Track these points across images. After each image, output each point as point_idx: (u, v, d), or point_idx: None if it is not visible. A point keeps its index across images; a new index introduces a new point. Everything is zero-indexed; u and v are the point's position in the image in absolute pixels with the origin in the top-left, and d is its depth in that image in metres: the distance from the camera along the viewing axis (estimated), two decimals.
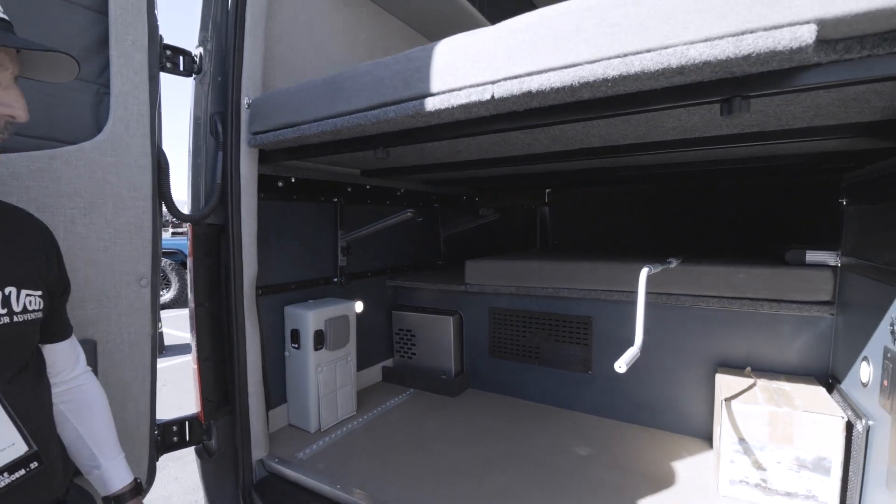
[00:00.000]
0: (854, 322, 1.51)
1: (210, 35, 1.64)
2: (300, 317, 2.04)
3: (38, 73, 0.88)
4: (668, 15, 0.85)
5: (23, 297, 0.84)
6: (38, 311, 0.87)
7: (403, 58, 1.23)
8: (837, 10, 0.75)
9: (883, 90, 1.01)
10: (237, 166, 1.69)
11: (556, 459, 1.83)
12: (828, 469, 1.44)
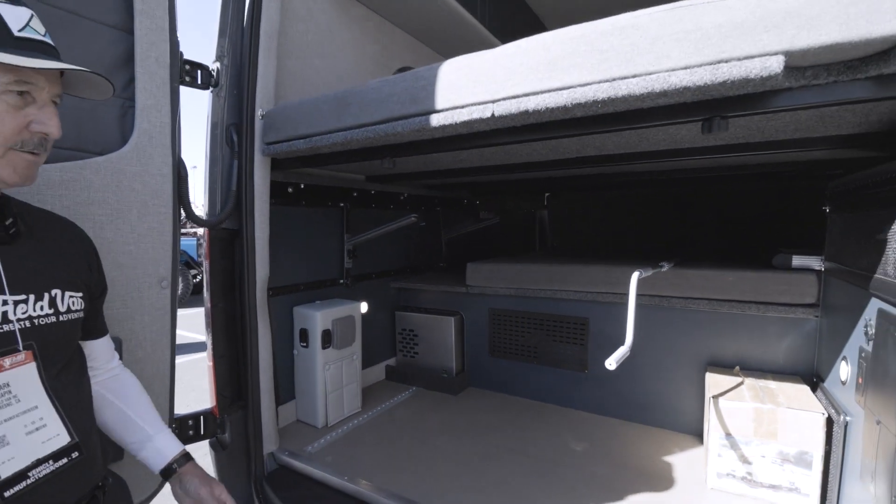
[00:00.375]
0: (836, 324, 1.59)
1: (226, 50, 1.73)
2: (309, 317, 2.13)
3: (78, 91, 0.96)
4: (651, 44, 0.94)
5: (67, 298, 0.92)
6: (80, 311, 0.95)
7: (410, 76, 1.32)
8: (802, 43, 0.83)
9: (854, 108, 1.10)
10: (251, 174, 1.78)
11: (553, 454, 1.91)
12: (809, 463, 1.53)
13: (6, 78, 0.75)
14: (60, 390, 0.89)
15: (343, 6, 2.23)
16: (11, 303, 0.83)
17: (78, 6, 1.38)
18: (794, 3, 0.83)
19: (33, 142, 0.81)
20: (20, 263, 0.86)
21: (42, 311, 0.87)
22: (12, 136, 0.78)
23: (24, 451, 0.81)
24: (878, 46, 0.82)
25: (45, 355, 0.86)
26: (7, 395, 0.81)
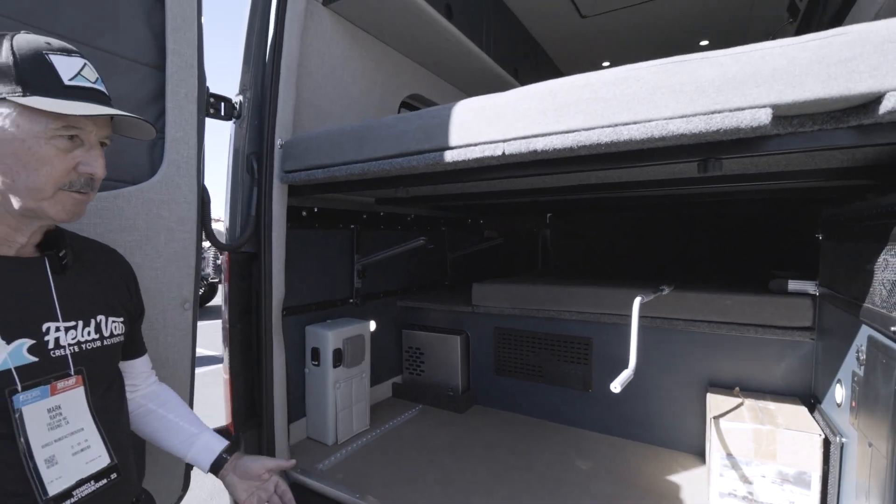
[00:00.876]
0: (831, 347, 1.65)
1: (249, 84, 1.83)
2: (321, 336, 2.20)
3: (126, 133, 1.03)
4: (651, 95, 1.03)
5: (110, 323, 0.99)
6: (121, 335, 1.02)
7: (425, 114, 1.41)
8: (788, 97, 0.92)
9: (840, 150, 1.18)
10: (269, 200, 1.86)
11: (559, 473, 1.96)
12: (808, 483, 1.58)
13: (56, 124, 0.81)
14: (103, 412, 0.95)
15: (355, 38, 2.34)
16: (63, 329, 0.89)
17: (115, 47, 1.48)
18: (781, 62, 0.92)
19: (80, 182, 0.87)
20: (71, 292, 0.93)
21: (89, 337, 0.94)
22: (61, 178, 0.84)
23: (70, 471, 0.87)
24: (857, 101, 0.90)
25: (91, 378, 0.93)
26: (58, 416, 0.87)
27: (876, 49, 0.86)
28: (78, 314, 0.93)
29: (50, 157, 0.82)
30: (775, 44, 0.94)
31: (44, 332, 0.87)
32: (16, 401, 0.80)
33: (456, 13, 2.43)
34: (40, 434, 0.83)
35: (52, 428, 0.86)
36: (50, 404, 0.86)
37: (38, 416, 0.84)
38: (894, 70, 0.85)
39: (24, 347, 0.84)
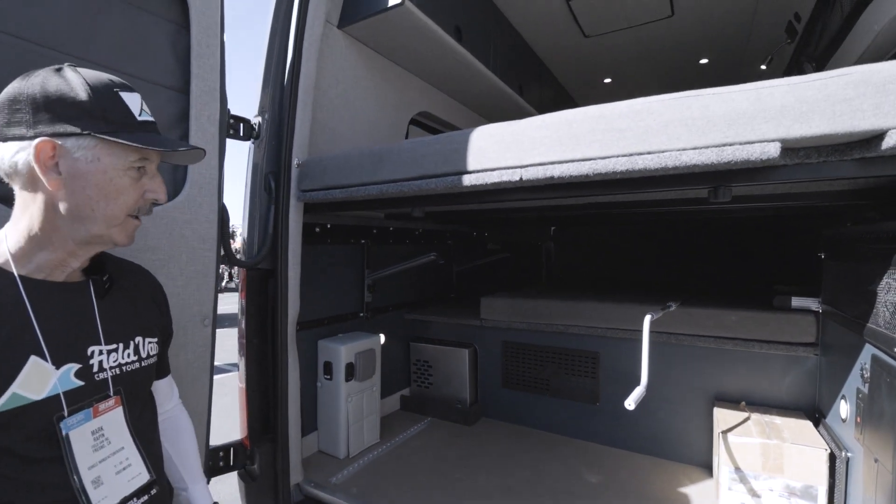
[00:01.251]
0: (834, 363, 1.70)
1: (268, 106, 1.89)
2: (333, 350, 2.23)
3: (175, 160, 1.08)
4: (664, 127, 1.08)
5: (146, 344, 1.02)
6: (156, 355, 1.05)
7: (443, 139, 1.47)
8: (796, 133, 0.97)
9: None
10: (286, 218, 1.91)
11: (570, 486, 1.99)
12: (815, 496, 1.61)
13: (134, 157, 0.87)
14: (140, 430, 0.99)
15: (367, 59, 2.41)
16: (105, 352, 0.93)
17: (143, 72, 1.53)
18: (789, 99, 0.97)
19: (146, 208, 0.94)
20: (112, 314, 0.96)
21: (129, 359, 0.97)
22: (133, 206, 0.90)
23: (115, 490, 0.90)
24: (860, 137, 0.96)
25: (128, 398, 0.96)
26: (101, 437, 0.90)
27: (878, 89, 0.91)
28: (118, 336, 0.96)
29: (126, 187, 0.88)
30: (782, 81, 0.99)
31: (89, 356, 0.90)
32: (63, 426, 0.83)
33: (465, 34, 2.50)
34: (86, 456, 0.87)
35: (96, 449, 0.89)
36: (94, 426, 0.89)
37: (84, 438, 0.87)
38: (895, 109, 0.90)
39: (72, 372, 0.87)
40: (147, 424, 1.03)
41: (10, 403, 0.78)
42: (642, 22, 3.05)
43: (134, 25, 1.51)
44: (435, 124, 3.20)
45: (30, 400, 0.80)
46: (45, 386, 0.83)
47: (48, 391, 0.83)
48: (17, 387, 0.79)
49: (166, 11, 1.58)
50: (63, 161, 0.82)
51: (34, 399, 0.80)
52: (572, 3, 2.83)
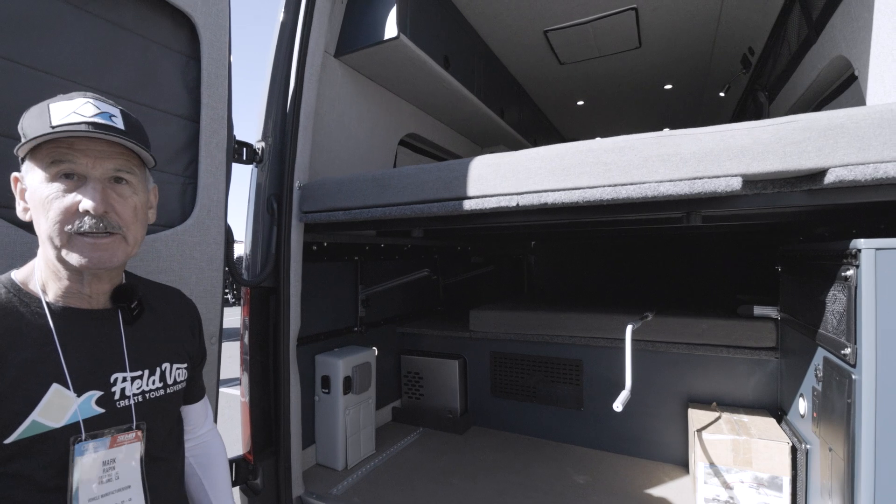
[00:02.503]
0: (792, 364, 1.90)
1: (271, 132, 1.98)
2: (331, 364, 2.30)
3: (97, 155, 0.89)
4: (644, 162, 1.24)
5: (174, 370, 1.00)
6: (184, 381, 1.03)
7: (444, 167, 1.60)
8: (753, 169, 1.15)
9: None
10: (288, 238, 1.99)
11: (559, 487, 2.11)
12: (780, 486, 1.79)
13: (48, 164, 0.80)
14: (157, 462, 0.95)
15: (361, 86, 2.53)
16: (129, 379, 0.91)
17: (156, 101, 1.61)
18: (748, 140, 1.15)
19: (86, 222, 0.81)
20: (139, 341, 0.95)
21: (153, 386, 0.95)
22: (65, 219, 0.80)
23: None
24: (807, 172, 1.14)
25: (151, 428, 0.94)
26: (111, 471, 0.87)
27: (820, 134, 1.10)
28: (144, 363, 0.95)
29: (50, 198, 0.79)
30: (742, 125, 1.17)
31: (111, 383, 0.89)
32: (77, 449, 0.82)
33: (452, 63, 2.66)
34: (90, 488, 0.84)
35: (101, 482, 0.85)
36: (106, 457, 0.86)
37: (94, 468, 0.85)
38: (834, 151, 1.09)
39: (93, 399, 0.86)
40: (168, 456, 1.00)
41: (30, 431, 0.77)
42: (612, 52, 3.29)
43: (147, 57, 1.58)
44: (422, 144, 3.34)
45: (49, 427, 0.79)
46: (65, 413, 0.81)
47: (68, 419, 0.81)
48: (37, 414, 0.78)
49: (178, 44, 1.66)
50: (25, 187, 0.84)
51: (53, 427, 0.79)
52: (549, 34, 3.04)
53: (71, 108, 0.82)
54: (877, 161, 1.06)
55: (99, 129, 0.81)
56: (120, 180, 0.87)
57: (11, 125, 1.21)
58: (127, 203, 0.87)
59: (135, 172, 0.89)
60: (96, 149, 0.82)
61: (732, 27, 2.89)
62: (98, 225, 0.82)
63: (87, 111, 0.82)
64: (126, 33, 1.51)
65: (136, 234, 0.91)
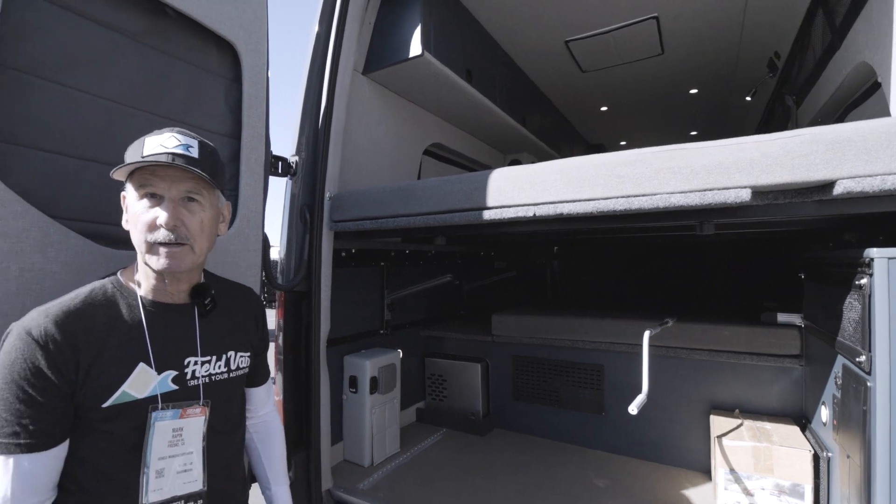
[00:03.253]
0: (816, 372, 1.89)
1: (304, 146, 2.12)
2: (359, 365, 2.42)
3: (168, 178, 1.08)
4: (655, 174, 1.30)
5: (238, 357, 1.17)
6: (246, 367, 1.20)
7: (465, 178, 1.69)
8: (762, 181, 1.19)
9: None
10: (319, 245, 2.12)
11: (578, 491, 2.16)
12: (802, 494, 1.79)
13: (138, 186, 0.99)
14: (218, 436, 1.11)
15: (387, 100, 2.66)
16: (200, 363, 1.09)
17: (203, 122, 1.76)
18: (756, 153, 1.20)
19: (162, 235, 0.97)
20: (210, 332, 1.13)
21: (219, 370, 1.13)
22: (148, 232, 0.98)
23: (170, 487, 1.02)
24: (816, 184, 1.17)
25: (214, 406, 1.10)
26: (178, 436, 1.04)
27: (827, 147, 1.14)
28: (213, 350, 1.12)
29: (139, 214, 0.99)
30: (751, 139, 1.21)
31: (185, 365, 1.06)
32: (154, 416, 1.00)
33: (474, 76, 2.75)
34: (161, 448, 1.01)
35: (170, 445, 1.03)
36: (176, 425, 1.04)
37: (165, 432, 1.02)
38: (842, 163, 1.13)
39: (170, 378, 1.04)
40: (228, 430, 1.16)
41: (120, 399, 0.96)
42: (634, 59, 3.32)
43: (196, 82, 1.74)
44: (446, 154, 3.45)
45: (134, 398, 0.98)
46: (147, 387, 1.00)
47: (149, 392, 1.00)
48: (127, 386, 0.97)
49: (222, 69, 1.82)
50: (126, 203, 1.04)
51: (137, 397, 0.98)
52: (570, 44, 3.10)
53: (159, 141, 1.00)
54: (885, 173, 1.09)
55: (177, 159, 0.98)
56: (191, 199, 1.03)
57: (85, 149, 1.38)
58: (195, 218, 1.03)
59: (202, 193, 1.05)
60: (172, 174, 1.00)
61: (757, 32, 2.88)
62: (170, 236, 0.99)
63: (170, 143, 1.00)
64: (177, 62, 1.67)
65: (201, 245, 1.06)
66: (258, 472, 1.35)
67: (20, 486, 0.87)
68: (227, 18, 1.73)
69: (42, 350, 0.89)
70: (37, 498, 0.90)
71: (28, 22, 1.26)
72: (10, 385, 0.88)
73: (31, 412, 0.88)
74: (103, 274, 1.28)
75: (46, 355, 0.89)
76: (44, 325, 0.91)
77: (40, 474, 0.90)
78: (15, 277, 1.14)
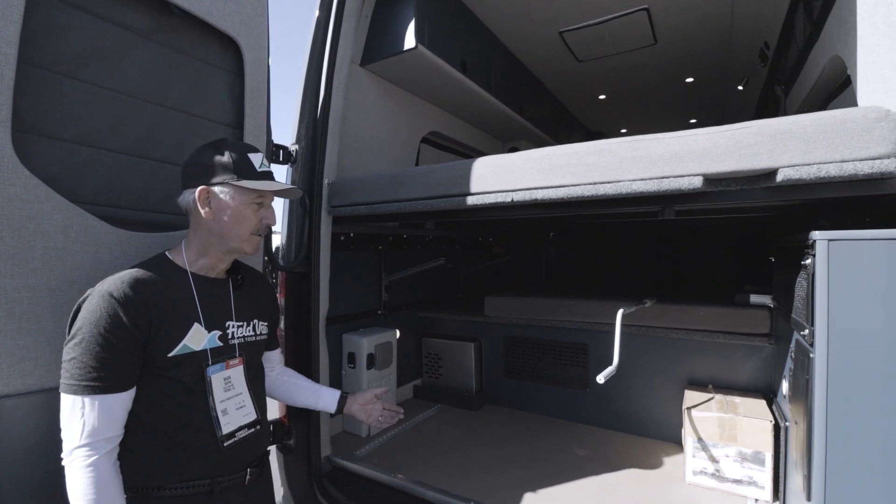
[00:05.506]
0: (781, 350, 2.01)
1: (303, 135, 2.25)
2: (356, 342, 2.58)
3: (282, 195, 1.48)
4: (619, 163, 1.42)
5: (260, 325, 1.42)
6: (265, 334, 1.44)
7: (450, 167, 1.81)
8: (713, 169, 1.31)
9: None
10: (318, 229, 2.26)
11: (561, 458, 2.31)
12: (763, 461, 1.92)
13: (255, 196, 1.26)
14: (253, 384, 1.36)
15: (384, 90, 2.77)
16: (236, 326, 1.32)
17: (207, 112, 1.89)
18: (707, 144, 1.31)
19: (262, 228, 1.32)
20: (242, 302, 1.36)
21: (249, 333, 1.37)
22: (254, 228, 1.28)
23: (234, 420, 1.27)
24: (761, 172, 1.29)
25: (247, 361, 1.34)
26: (229, 383, 1.29)
27: (770, 138, 1.24)
28: (245, 317, 1.36)
29: (249, 215, 1.26)
30: (704, 131, 1.33)
31: (226, 327, 1.30)
32: (209, 371, 1.23)
33: (470, 66, 2.85)
34: (220, 393, 1.25)
35: (226, 390, 1.27)
36: (225, 375, 1.28)
37: (219, 382, 1.25)
38: (783, 153, 1.24)
39: (216, 336, 1.27)
40: (258, 383, 1.41)
41: (182, 350, 1.18)
42: (629, 49, 3.39)
43: (200, 76, 1.87)
44: (444, 142, 3.56)
45: (192, 350, 1.20)
46: (201, 342, 1.23)
47: (202, 346, 1.23)
48: (187, 340, 1.19)
49: (225, 63, 1.94)
50: (212, 199, 1.23)
51: (195, 349, 1.20)
52: (565, 34, 3.18)
53: (259, 160, 1.30)
54: (820, 162, 1.20)
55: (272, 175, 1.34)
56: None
57: (100, 139, 1.52)
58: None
59: None
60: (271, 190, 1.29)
61: (746, 22, 2.94)
62: (265, 230, 1.34)
63: (266, 163, 1.33)
64: (183, 57, 1.80)
65: None
66: (303, 393, 1.61)
67: (104, 421, 1.06)
68: (229, 15, 1.85)
69: (122, 307, 1.08)
70: (114, 432, 1.09)
71: (48, 23, 1.40)
72: (95, 337, 1.06)
73: (113, 359, 1.07)
74: (118, 253, 1.46)
75: (126, 311, 1.08)
76: (122, 288, 1.10)
77: (118, 412, 1.09)
78: (40, 255, 1.30)
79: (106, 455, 1.06)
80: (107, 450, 1.07)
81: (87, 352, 1.05)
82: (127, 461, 1.12)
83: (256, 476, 1.34)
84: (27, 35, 1.33)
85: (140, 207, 1.63)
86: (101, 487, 1.04)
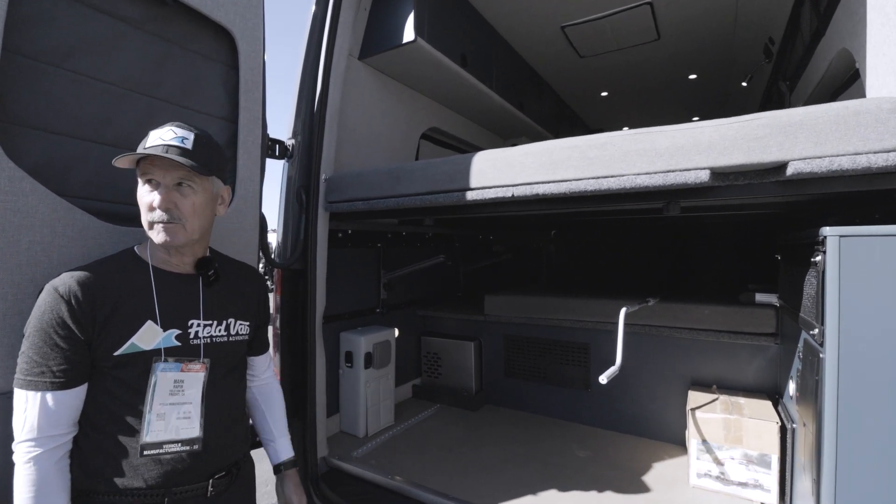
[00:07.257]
0: (788, 350, 1.97)
1: (300, 130, 2.20)
2: (354, 341, 2.54)
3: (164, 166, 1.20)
4: (623, 156, 1.37)
5: (237, 325, 1.29)
6: (245, 335, 1.32)
7: (449, 161, 1.77)
8: (720, 162, 1.26)
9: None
10: (315, 226, 2.22)
11: (560, 460, 2.27)
12: (769, 463, 1.88)
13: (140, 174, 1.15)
14: (216, 391, 1.22)
15: (383, 85, 2.72)
16: (202, 326, 1.22)
17: (201, 106, 1.84)
18: (714, 136, 1.26)
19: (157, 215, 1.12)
20: (213, 299, 1.26)
21: (218, 333, 1.25)
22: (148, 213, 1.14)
23: (169, 429, 1.14)
24: (770, 166, 1.24)
25: (213, 364, 1.22)
26: (179, 387, 1.17)
27: (780, 130, 1.20)
28: (214, 316, 1.25)
29: (141, 196, 1.15)
30: (710, 123, 1.28)
31: (188, 326, 1.20)
32: (155, 367, 1.13)
33: (470, 61, 2.81)
34: (163, 395, 1.14)
35: (171, 394, 1.16)
36: (177, 377, 1.17)
37: (166, 382, 1.15)
38: (794, 146, 1.19)
39: (173, 335, 1.17)
40: (226, 388, 1.27)
41: (129, 350, 1.11)
42: (631, 45, 3.34)
43: (194, 68, 1.82)
44: (444, 138, 3.51)
45: (140, 349, 1.12)
46: (152, 341, 1.14)
47: (154, 345, 1.14)
48: (135, 339, 1.11)
49: (219, 55, 1.90)
50: None
51: (144, 349, 1.12)
52: (567, 29, 3.13)
53: (159, 134, 1.15)
54: (832, 155, 1.15)
55: (171, 150, 1.12)
56: (181, 185, 1.16)
57: (89, 131, 1.48)
58: (187, 201, 1.16)
59: (194, 180, 1.17)
60: (167, 164, 1.13)
61: (750, 18, 2.89)
62: (163, 217, 1.13)
63: (167, 136, 1.14)
64: (176, 48, 1.75)
65: (193, 224, 1.18)
66: (262, 427, 1.49)
67: (45, 418, 1.02)
68: (223, 5, 1.80)
69: (66, 304, 1.04)
70: (58, 430, 1.04)
71: (36, 11, 1.35)
72: (39, 332, 1.04)
73: (56, 356, 1.04)
74: (108, 248, 1.40)
75: (69, 308, 1.04)
76: (68, 283, 1.06)
77: (62, 410, 1.04)
78: (25, 250, 1.25)
79: (48, 452, 1.03)
80: (49, 447, 1.03)
81: (32, 346, 1.04)
82: (76, 461, 1.09)
83: (225, 487, 1.23)
84: (13, 23, 1.29)
85: (130, 202, 1.58)
86: (40, 485, 1.01)
